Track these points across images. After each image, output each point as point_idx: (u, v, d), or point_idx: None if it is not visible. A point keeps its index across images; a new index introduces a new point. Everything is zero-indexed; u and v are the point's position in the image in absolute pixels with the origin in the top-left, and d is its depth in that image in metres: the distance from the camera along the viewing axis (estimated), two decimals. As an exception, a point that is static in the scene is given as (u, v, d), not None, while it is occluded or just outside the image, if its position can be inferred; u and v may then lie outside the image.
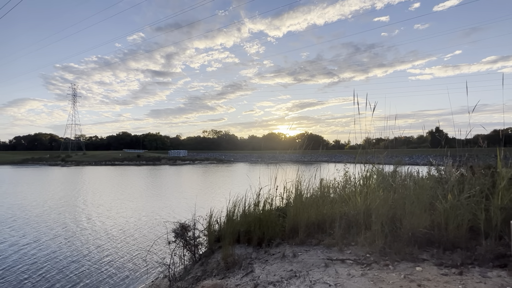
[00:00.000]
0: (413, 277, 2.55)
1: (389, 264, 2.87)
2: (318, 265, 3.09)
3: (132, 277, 6.90)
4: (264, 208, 4.50)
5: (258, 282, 3.01)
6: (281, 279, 2.94)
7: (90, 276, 6.99)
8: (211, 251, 4.70)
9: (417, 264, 2.82)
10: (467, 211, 3.14)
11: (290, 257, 3.46)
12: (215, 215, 4.81)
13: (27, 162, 70.18)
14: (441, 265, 2.74)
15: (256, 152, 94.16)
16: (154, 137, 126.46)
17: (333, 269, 2.92)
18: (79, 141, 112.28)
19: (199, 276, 4.01)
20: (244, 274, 3.34)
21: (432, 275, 2.56)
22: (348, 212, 3.92)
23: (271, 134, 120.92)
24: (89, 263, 7.75)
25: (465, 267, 2.67)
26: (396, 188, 4.13)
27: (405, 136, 5.75)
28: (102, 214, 13.79)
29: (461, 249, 2.95)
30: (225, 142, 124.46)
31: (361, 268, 2.87)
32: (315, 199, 4.53)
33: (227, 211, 4.59)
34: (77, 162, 66.64)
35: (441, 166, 4.66)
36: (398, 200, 3.66)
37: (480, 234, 3.00)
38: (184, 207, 15.00)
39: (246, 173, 12.14)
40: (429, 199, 3.55)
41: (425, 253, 3.04)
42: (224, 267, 3.80)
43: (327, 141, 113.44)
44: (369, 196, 3.87)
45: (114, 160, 68.82)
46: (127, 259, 8.07)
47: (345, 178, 5.38)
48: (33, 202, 16.98)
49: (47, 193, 21.05)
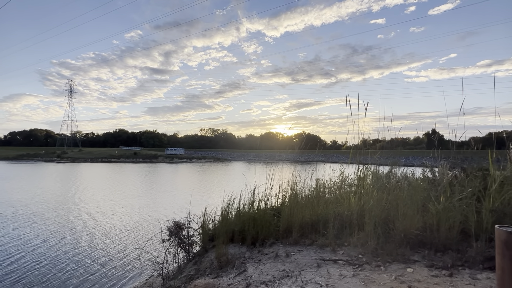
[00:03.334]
0: (403, 278, 2.57)
1: (380, 265, 2.89)
2: (311, 265, 3.10)
3: (125, 276, 6.87)
4: (259, 207, 4.50)
5: (251, 282, 3.01)
6: (274, 279, 2.94)
7: (82, 274, 6.94)
8: (205, 250, 4.70)
9: (408, 265, 2.84)
10: (459, 213, 3.17)
11: (283, 257, 3.46)
12: (210, 214, 4.80)
13: (22, 158, 69.44)
14: (432, 266, 2.77)
15: (253, 151, 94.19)
16: (151, 134, 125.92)
17: (325, 270, 2.93)
18: (75, 137, 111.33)
19: (192, 275, 4.00)
20: (237, 273, 3.34)
21: (423, 277, 2.58)
22: (342, 213, 3.93)
23: (268, 133, 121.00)
24: (82, 261, 7.70)
25: (455, 268, 2.69)
26: (390, 189, 4.16)
27: (401, 137, 5.79)
28: (96, 212, 13.71)
29: (452, 251, 2.98)
30: (222, 140, 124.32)
31: (353, 268, 2.88)
32: (310, 199, 4.54)
33: (221, 210, 4.59)
34: (73, 159, 66.09)
35: (434, 167, 4.69)
36: (392, 201, 3.68)
37: (471, 236, 3.03)
38: (179, 205, 14.96)
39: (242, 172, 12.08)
40: (422, 200, 3.58)
41: (417, 255, 3.06)
42: (217, 266, 3.80)
43: (325, 141, 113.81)
44: (363, 196, 3.89)
45: (111, 157, 68.34)
46: (120, 257, 8.03)
47: (341, 178, 5.39)
48: (26, 199, 16.82)
49: (41, 190, 20.86)
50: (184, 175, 36.04)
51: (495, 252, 1.10)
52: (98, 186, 23.17)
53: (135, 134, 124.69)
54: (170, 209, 14.32)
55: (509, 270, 1.00)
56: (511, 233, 1.02)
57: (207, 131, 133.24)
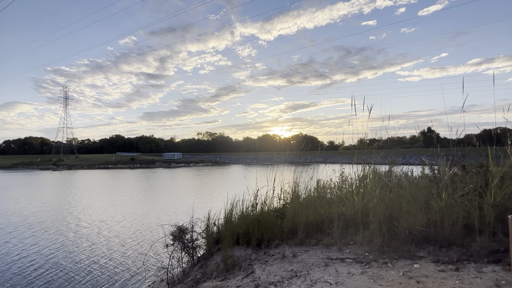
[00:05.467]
0: (411, 274, 2.61)
1: (387, 262, 2.92)
2: (318, 264, 3.13)
3: (129, 281, 6.82)
4: (262, 209, 4.52)
5: (259, 283, 3.03)
6: (282, 279, 2.96)
7: (86, 280, 6.88)
8: (210, 253, 4.70)
9: (414, 261, 2.88)
10: (462, 209, 3.23)
11: (290, 257, 3.48)
12: (213, 217, 4.81)
13: (18, 166, 68.64)
14: (438, 261, 2.81)
15: (251, 154, 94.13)
16: (148, 139, 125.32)
17: (333, 268, 2.96)
18: (71, 144, 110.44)
19: (199, 279, 4.00)
20: (245, 275, 3.35)
21: (430, 272, 2.62)
22: (346, 212, 3.97)
23: (265, 135, 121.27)
24: (86, 268, 7.63)
25: (461, 263, 2.74)
26: (392, 188, 4.21)
27: (398, 137, 5.86)
28: (98, 219, 13.60)
29: (456, 246, 3.02)
30: (220, 144, 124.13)
31: (361, 266, 2.92)
32: (313, 200, 4.57)
33: (225, 213, 4.60)
34: (69, 166, 65.48)
35: (434, 165, 4.76)
36: (395, 200, 3.73)
37: (474, 231, 3.08)
38: (181, 209, 14.90)
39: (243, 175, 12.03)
40: (425, 198, 3.63)
41: (422, 251, 3.10)
42: (224, 269, 3.81)
43: (322, 142, 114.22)
44: (366, 195, 3.94)
45: (108, 164, 67.82)
46: (124, 263, 7.98)
47: (342, 178, 5.44)
48: (27, 208, 16.63)
49: (40, 198, 20.63)
50: (183, 179, 35.88)
51: (509, 240, 1.14)
52: (96, 194, 22.98)
53: (131, 139, 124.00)
54: (171, 214, 14.26)
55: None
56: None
57: (204, 135, 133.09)
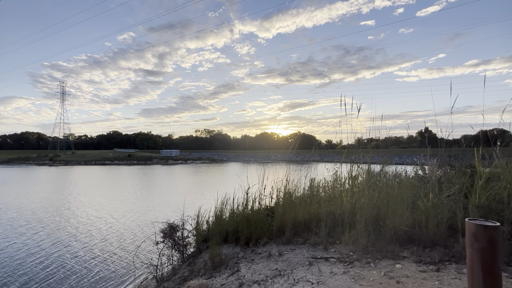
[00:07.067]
0: (392, 274, 2.62)
1: (370, 261, 2.94)
2: (303, 263, 3.14)
3: (120, 278, 6.83)
4: (253, 207, 4.52)
5: (243, 281, 3.03)
6: (266, 278, 2.97)
7: (76, 277, 6.87)
8: (198, 251, 4.70)
9: (397, 261, 2.90)
10: (447, 209, 3.25)
11: (276, 256, 3.50)
12: (204, 215, 4.81)
13: (13, 161, 68.22)
14: (420, 262, 2.83)
15: (249, 152, 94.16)
16: (146, 136, 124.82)
17: (316, 267, 2.97)
18: (68, 140, 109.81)
19: (186, 276, 4.01)
20: (230, 273, 3.36)
21: (411, 272, 2.63)
22: (335, 211, 3.99)
23: (263, 133, 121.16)
24: (76, 265, 7.62)
25: (442, 263, 2.76)
26: (381, 188, 4.22)
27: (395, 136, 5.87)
28: (90, 215, 13.56)
29: (439, 247, 3.05)
30: (217, 141, 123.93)
31: (344, 266, 2.93)
32: (304, 198, 4.58)
33: (215, 210, 4.60)
34: (66, 162, 65.17)
35: (424, 165, 4.78)
36: (383, 199, 3.75)
37: (458, 232, 3.11)
38: (173, 207, 14.89)
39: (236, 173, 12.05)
40: (412, 198, 3.65)
41: (406, 251, 3.13)
42: (211, 266, 3.81)
43: (319, 141, 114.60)
44: (355, 195, 3.95)
45: (105, 160, 67.58)
46: (115, 260, 7.97)
47: (335, 177, 5.45)
48: (20, 203, 16.55)
49: (34, 193, 20.54)
50: (179, 177, 35.84)
51: (466, 245, 1.15)
52: (91, 190, 22.90)
53: (129, 136, 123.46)
54: (164, 211, 14.25)
55: (478, 261, 1.05)
56: (479, 226, 1.07)
57: (202, 132, 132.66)
